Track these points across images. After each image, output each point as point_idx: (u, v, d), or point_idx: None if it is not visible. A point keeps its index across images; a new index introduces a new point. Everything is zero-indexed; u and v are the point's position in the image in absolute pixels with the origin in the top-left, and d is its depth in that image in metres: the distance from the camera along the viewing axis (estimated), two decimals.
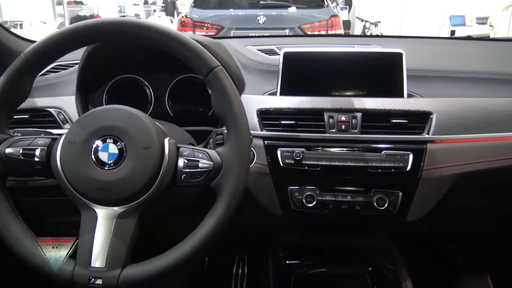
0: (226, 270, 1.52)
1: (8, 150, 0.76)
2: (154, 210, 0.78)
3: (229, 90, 0.73)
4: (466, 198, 1.11)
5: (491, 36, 7.34)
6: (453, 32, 7.89)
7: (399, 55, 1.06)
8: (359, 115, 1.02)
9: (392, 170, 0.98)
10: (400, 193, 1.01)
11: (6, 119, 0.79)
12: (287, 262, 1.41)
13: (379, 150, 1.00)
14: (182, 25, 4.47)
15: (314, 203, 1.01)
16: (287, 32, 4.39)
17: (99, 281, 0.71)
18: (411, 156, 0.99)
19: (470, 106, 1.05)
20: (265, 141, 1.01)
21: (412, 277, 1.29)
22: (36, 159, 0.76)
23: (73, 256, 0.74)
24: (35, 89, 0.81)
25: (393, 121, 1.01)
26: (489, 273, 1.44)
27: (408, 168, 0.98)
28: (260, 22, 4.39)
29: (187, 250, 0.72)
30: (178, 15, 7.72)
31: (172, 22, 9.57)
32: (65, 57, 0.80)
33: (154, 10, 11.70)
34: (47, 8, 8.99)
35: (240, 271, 1.52)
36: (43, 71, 1.17)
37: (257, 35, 3.99)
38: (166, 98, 1.19)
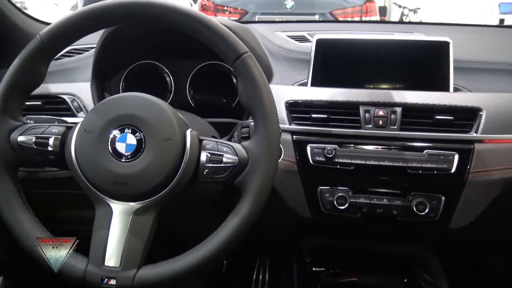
0: (245, 275, 1.52)
1: (20, 138, 0.77)
2: (173, 207, 0.78)
3: (258, 79, 0.73)
4: None
5: None
6: (502, 21, 7.67)
7: (446, 44, 1.04)
8: (399, 110, 1.00)
9: (435, 172, 0.96)
10: (443, 198, 0.98)
11: (20, 105, 0.80)
12: (313, 269, 1.40)
13: (421, 149, 0.98)
14: (203, 8, 4.49)
15: (346, 205, 1.00)
16: (316, 18, 4.35)
17: (112, 282, 0.71)
18: (456, 157, 0.96)
19: None
20: (294, 136, 1.01)
21: None
22: (50, 148, 0.77)
23: (85, 253, 0.75)
24: (48, 74, 0.81)
25: (437, 117, 0.99)
26: None
27: (453, 170, 0.96)
28: (288, 6, 4.37)
29: (207, 252, 0.72)
30: None
31: (192, 5, 9.60)
32: (80, 41, 0.81)
33: None
34: None
35: (260, 277, 1.52)
36: (58, 55, 1.19)
37: (284, 20, 3.97)
38: (187, 86, 1.19)
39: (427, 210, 0.98)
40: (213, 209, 0.97)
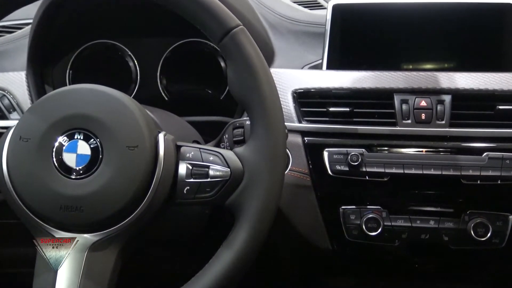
0: None
1: None
2: (143, 239, 0.78)
3: (254, 61, 0.73)
4: None
5: None
6: None
7: (509, 8, 1.04)
8: (447, 98, 1.00)
9: (499, 182, 0.97)
10: (511, 217, 0.99)
11: None
12: None
13: (479, 151, 0.98)
14: None
15: (379, 230, 1.00)
16: None
17: None
18: None
19: None
20: (306, 138, 1.02)
21: None
22: None
23: None
24: None
25: (500, 107, 0.99)
26: None
27: None
28: None
29: None
30: None
31: None
32: (10, 16, 0.81)
33: None
34: None
35: None
36: None
37: None
38: (158, 74, 1.19)
39: (489, 234, 0.98)
40: (197, 240, 0.97)
